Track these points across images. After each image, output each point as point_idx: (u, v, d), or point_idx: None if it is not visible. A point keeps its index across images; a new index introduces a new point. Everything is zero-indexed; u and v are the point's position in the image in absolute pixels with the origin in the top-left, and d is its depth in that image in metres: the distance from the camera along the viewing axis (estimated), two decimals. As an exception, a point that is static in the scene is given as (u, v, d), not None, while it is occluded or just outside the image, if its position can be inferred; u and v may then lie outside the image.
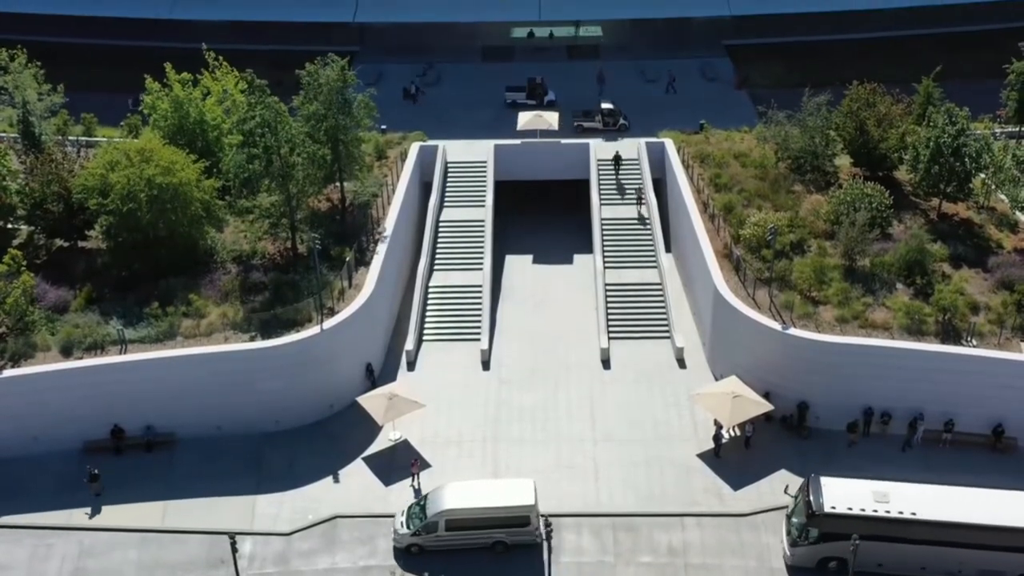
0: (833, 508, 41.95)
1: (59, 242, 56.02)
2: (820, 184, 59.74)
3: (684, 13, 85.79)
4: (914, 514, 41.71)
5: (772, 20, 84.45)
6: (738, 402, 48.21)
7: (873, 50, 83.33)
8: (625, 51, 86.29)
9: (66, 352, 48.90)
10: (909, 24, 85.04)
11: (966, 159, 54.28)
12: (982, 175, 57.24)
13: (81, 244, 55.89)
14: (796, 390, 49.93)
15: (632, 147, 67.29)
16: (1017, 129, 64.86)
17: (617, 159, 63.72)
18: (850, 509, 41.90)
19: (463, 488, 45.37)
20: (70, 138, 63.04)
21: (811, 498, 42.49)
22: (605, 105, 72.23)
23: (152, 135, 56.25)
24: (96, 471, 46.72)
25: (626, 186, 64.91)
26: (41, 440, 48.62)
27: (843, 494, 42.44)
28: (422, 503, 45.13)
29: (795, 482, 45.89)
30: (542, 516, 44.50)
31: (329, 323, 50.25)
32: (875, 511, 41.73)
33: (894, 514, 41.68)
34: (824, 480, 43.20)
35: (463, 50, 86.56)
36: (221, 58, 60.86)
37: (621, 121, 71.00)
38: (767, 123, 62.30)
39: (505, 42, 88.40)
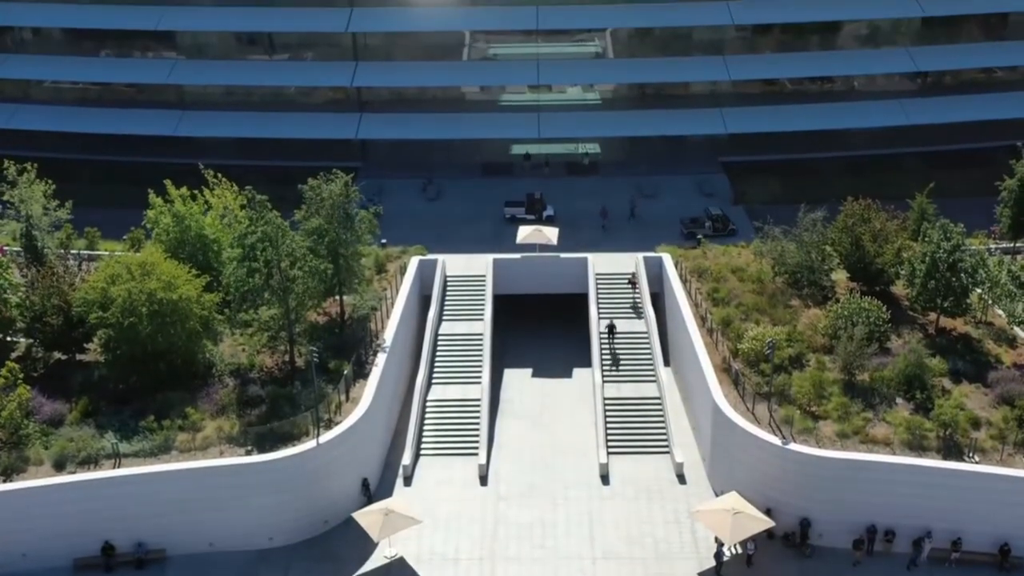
0: None
1: (57, 355, 55.93)
2: (817, 298, 59.97)
3: (680, 131, 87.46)
4: None
5: (767, 138, 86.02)
6: (739, 519, 47.44)
7: (866, 167, 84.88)
8: (623, 167, 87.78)
9: (59, 466, 48.33)
10: (901, 143, 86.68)
11: (962, 274, 54.58)
12: (979, 290, 57.50)
13: (79, 357, 55.78)
14: (798, 506, 49.20)
15: (630, 262, 67.75)
16: (1012, 245, 65.46)
17: (611, 328, 62.47)
18: None
19: None
20: (72, 251, 63.60)
21: None
22: (714, 211, 73.37)
23: (154, 249, 56.72)
24: None
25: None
26: (30, 557, 47.67)
27: None
28: None
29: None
30: None
31: (325, 437, 49.82)
32: None
33: None
34: None
35: (463, 166, 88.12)
36: (221, 175, 61.75)
37: (731, 226, 72.02)
38: (764, 238, 62.91)
39: (505, 158, 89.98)
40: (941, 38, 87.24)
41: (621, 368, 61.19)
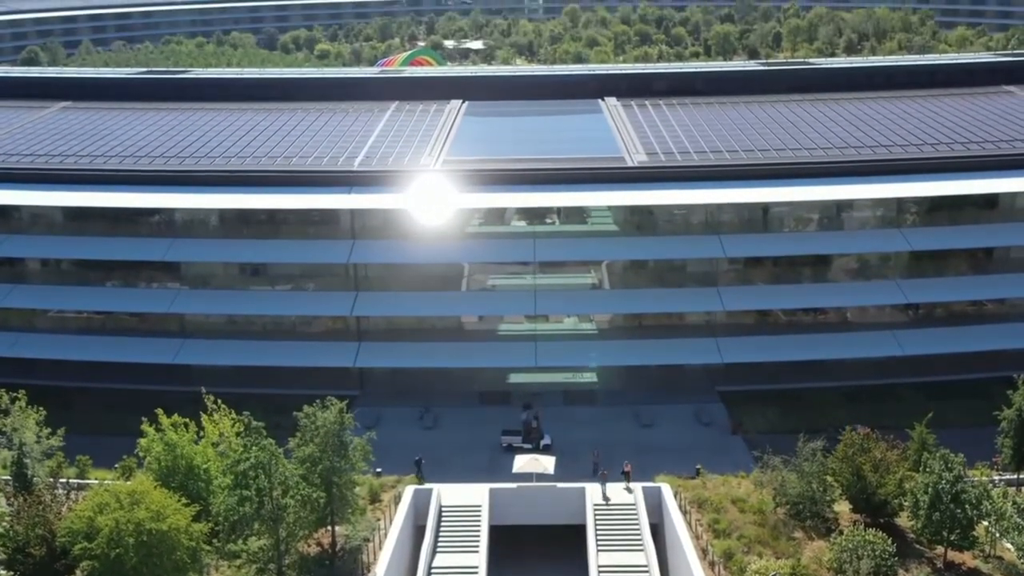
0: None
1: (37, 587, 54.11)
2: (821, 530, 58.72)
3: (676, 361, 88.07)
4: None
5: (763, 367, 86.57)
6: None
7: (863, 396, 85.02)
8: (620, 396, 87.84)
9: None
10: (896, 372, 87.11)
11: (966, 505, 53.70)
12: (985, 522, 56.36)
13: (60, 589, 53.96)
14: None
15: (628, 493, 66.65)
16: (1015, 476, 64.69)
17: None
18: None
19: None
20: (61, 480, 62.72)
21: None
22: (861, 429, 71.63)
23: (144, 477, 56.00)
24: None
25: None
26: None
27: None
28: None
29: None
30: None
31: (311, 678, 47.57)
32: None
33: None
34: None
35: (461, 394, 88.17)
36: (220, 401, 61.78)
37: None
38: (763, 468, 62.29)
39: (502, 387, 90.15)
40: (929, 271, 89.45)
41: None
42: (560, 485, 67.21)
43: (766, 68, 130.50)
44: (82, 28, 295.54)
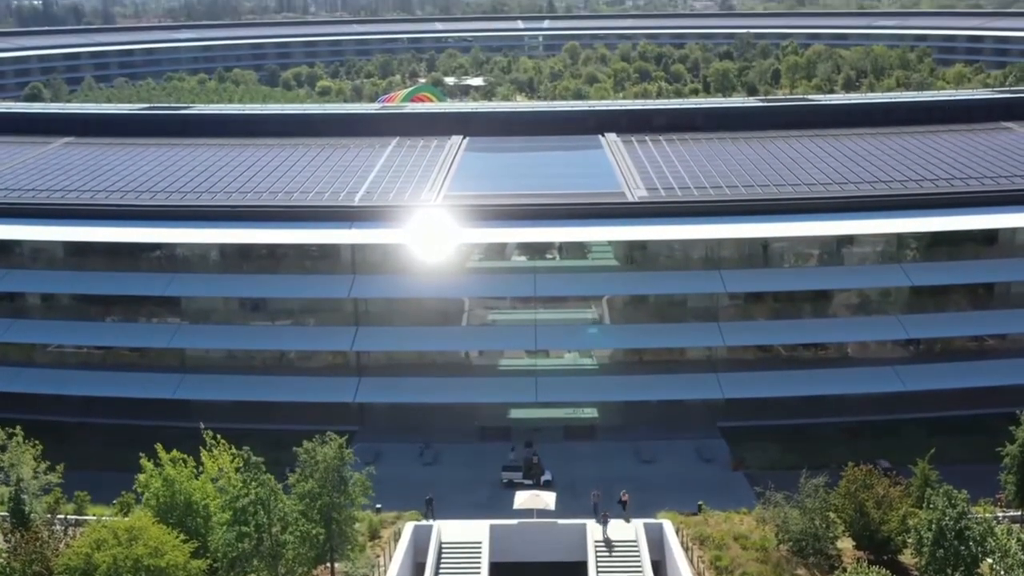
0: None
1: (33, 626, 53.55)
2: (824, 567, 58.24)
3: (677, 396, 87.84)
4: None
5: (764, 403, 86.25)
6: None
7: (865, 432, 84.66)
8: (620, 431, 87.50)
9: None
10: (899, 408, 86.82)
11: (970, 542, 53.25)
12: (989, 560, 55.85)
13: (56, 628, 53.38)
14: None
15: (630, 528, 66.28)
16: (1019, 513, 64.24)
17: None
18: None
19: None
20: (59, 516, 62.31)
21: None
22: (881, 464, 70.52)
23: (142, 513, 55.59)
24: None
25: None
26: None
27: None
28: None
29: None
30: None
31: None
32: None
33: None
34: None
35: (461, 430, 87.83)
36: (219, 436, 61.45)
37: None
38: (765, 504, 61.92)
39: (502, 423, 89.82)
40: (929, 307, 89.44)
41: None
42: (561, 521, 66.77)
43: (765, 104, 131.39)
44: (85, 64, 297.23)
